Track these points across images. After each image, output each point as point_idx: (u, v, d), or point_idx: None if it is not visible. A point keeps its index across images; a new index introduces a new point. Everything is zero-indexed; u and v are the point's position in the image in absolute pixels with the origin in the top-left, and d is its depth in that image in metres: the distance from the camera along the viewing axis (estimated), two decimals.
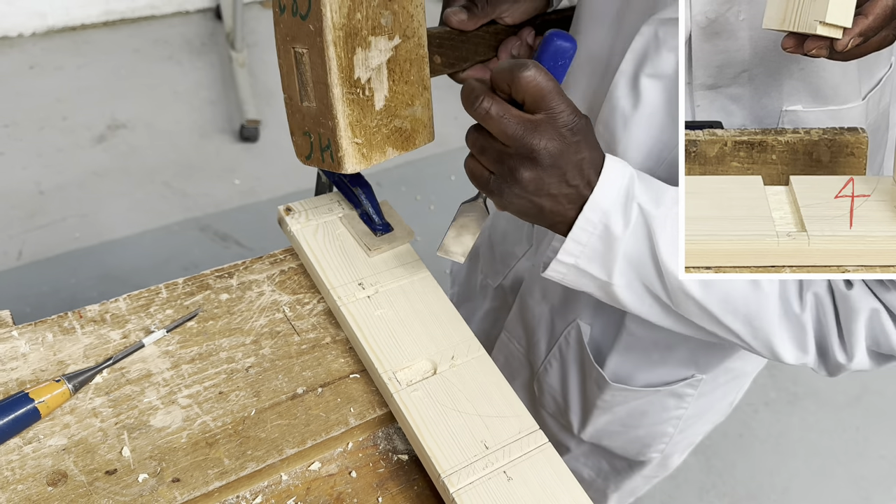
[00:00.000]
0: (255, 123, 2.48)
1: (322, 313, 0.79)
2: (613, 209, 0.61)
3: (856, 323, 0.64)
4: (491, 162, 0.62)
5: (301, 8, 0.59)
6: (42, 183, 2.25)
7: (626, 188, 0.62)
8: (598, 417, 0.96)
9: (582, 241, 0.63)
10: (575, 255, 0.64)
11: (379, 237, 0.82)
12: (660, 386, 0.91)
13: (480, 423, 0.69)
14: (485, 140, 0.61)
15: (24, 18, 2.70)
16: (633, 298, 0.67)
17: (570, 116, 0.59)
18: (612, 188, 0.61)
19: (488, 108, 0.59)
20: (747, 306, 0.64)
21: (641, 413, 0.94)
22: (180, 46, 2.85)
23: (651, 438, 0.98)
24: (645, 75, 0.68)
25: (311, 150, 0.65)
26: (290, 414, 0.69)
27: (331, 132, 0.63)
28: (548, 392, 1.01)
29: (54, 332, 0.71)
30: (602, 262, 0.64)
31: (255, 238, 2.21)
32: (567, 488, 0.67)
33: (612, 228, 0.62)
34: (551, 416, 1.04)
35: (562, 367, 0.97)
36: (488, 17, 0.75)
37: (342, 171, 0.64)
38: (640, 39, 0.68)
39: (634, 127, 0.71)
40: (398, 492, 0.68)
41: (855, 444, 2.12)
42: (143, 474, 0.63)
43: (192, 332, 0.74)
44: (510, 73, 0.58)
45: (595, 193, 0.61)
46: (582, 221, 0.62)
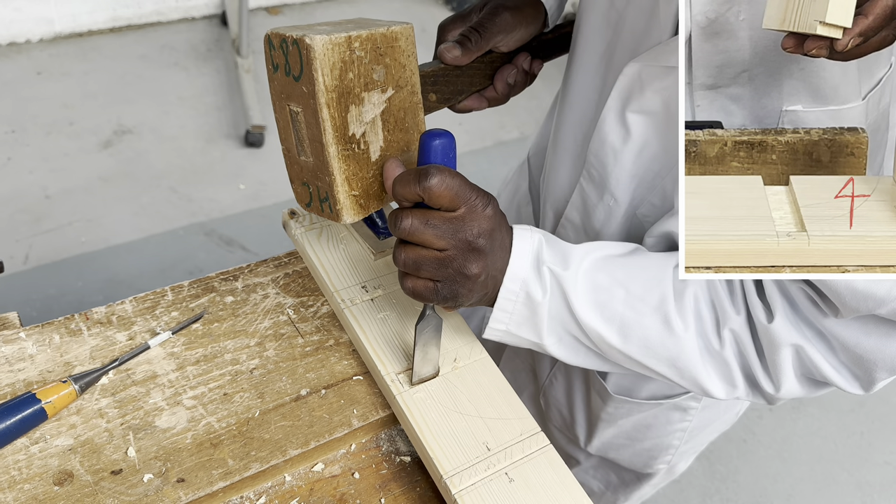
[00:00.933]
0: (261, 129, 2.49)
1: (326, 316, 0.79)
2: (530, 277, 0.65)
3: (779, 355, 0.65)
4: (433, 272, 0.62)
5: (294, 69, 0.59)
6: (49, 188, 2.27)
7: (535, 255, 0.65)
8: (604, 430, 0.96)
9: (508, 309, 0.67)
10: (504, 322, 0.68)
11: (382, 240, 0.83)
12: (662, 399, 0.91)
13: (482, 424, 0.70)
14: (417, 255, 0.62)
15: (31, 25, 2.72)
16: (566, 352, 0.70)
17: (484, 199, 0.61)
18: (524, 258, 0.65)
19: (409, 223, 0.60)
20: (667, 350, 0.67)
21: (646, 426, 0.95)
22: (186, 53, 2.86)
23: (657, 451, 0.98)
24: (631, 111, 0.70)
25: (310, 199, 0.65)
26: (294, 415, 0.70)
27: (328, 186, 0.63)
28: (554, 406, 1.01)
29: (61, 333, 0.72)
30: (531, 326, 0.68)
31: (260, 242, 2.22)
32: (569, 490, 0.67)
33: (532, 295, 0.65)
34: (559, 430, 1.04)
35: (566, 381, 0.98)
36: (482, 49, 0.75)
37: (340, 221, 0.64)
38: (624, 79, 0.70)
39: (625, 160, 0.72)
40: (401, 493, 0.68)
41: (859, 449, 2.11)
42: (149, 474, 0.63)
43: (198, 334, 0.75)
44: (417, 186, 0.59)
45: (511, 265, 0.65)
46: (504, 292, 0.66)
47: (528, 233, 0.66)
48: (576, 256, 0.67)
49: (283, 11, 3.20)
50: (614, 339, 0.67)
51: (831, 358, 0.65)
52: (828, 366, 0.64)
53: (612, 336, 0.66)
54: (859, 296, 0.58)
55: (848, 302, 0.59)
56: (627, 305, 0.66)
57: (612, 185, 0.74)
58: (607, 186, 0.75)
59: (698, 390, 0.70)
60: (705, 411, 0.94)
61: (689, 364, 0.67)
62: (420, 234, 0.60)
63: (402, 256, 0.62)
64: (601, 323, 0.66)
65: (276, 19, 3.15)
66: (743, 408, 1.03)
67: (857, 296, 0.58)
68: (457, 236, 0.60)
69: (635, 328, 0.66)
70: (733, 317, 0.67)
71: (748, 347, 0.67)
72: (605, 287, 0.66)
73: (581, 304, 0.66)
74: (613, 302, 0.66)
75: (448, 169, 0.60)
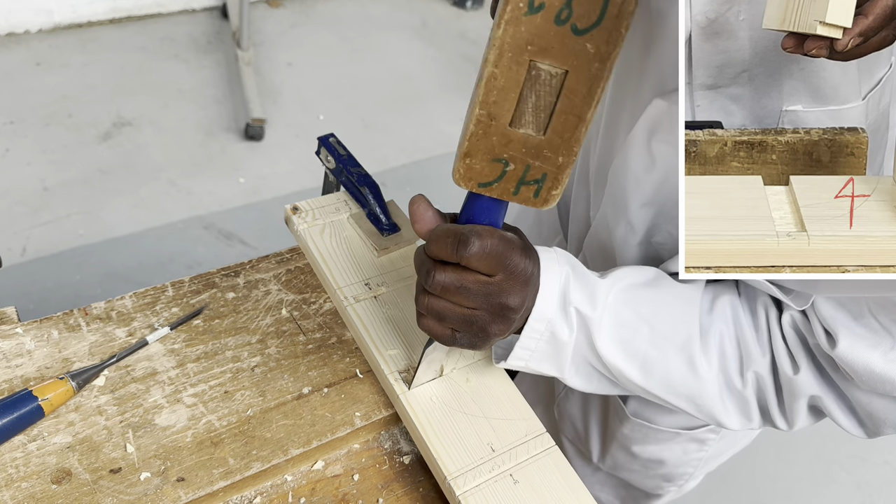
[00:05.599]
0: (261, 122, 2.48)
1: (328, 313, 0.78)
2: (556, 317, 0.63)
3: (797, 403, 0.66)
4: (455, 324, 0.60)
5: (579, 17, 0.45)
6: (47, 179, 2.25)
7: (562, 293, 0.63)
8: (618, 452, 0.95)
9: (531, 347, 0.65)
10: (525, 358, 0.66)
11: (386, 237, 0.82)
12: (681, 429, 0.89)
13: (487, 425, 0.69)
14: (443, 307, 0.58)
15: (30, 15, 2.70)
16: (586, 384, 0.69)
17: (524, 263, 0.58)
18: (552, 298, 0.62)
19: (443, 280, 0.56)
20: (688, 389, 0.66)
21: (660, 461, 0.93)
22: (186, 45, 2.84)
23: (671, 477, 0.97)
24: (658, 141, 0.68)
25: (498, 179, 0.53)
26: (296, 414, 0.69)
27: (556, 168, 0.52)
28: (568, 419, 1.00)
29: (60, 329, 0.71)
30: (553, 362, 0.66)
31: (260, 237, 2.21)
32: (574, 492, 0.66)
33: (558, 335, 0.64)
34: (570, 443, 1.03)
35: (583, 396, 0.96)
36: None
37: (545, 207, 0.55)
38: (652, 111, 0.67)
39: (645, 187, 0.71)
40: (403, 493, 0.68)
41: (858, 449, 2.11)
42: (147, 473, 0.62)
43: (198, 331, 0.73)
44: (454, 252, 0.55)
45: (538, 305, 0.62)
46: (528, 331, 0.63)
47: (557, 267, 0.63)
48: (602, 291, 0.65)
49: (284, 4, 3.19)
50: (635, 375, 0.66)
51: (844, 408, 0.66)
52: (840, 414, 0.66)
53: (633, 373, 0.66)
54: (876, 377, 0.59)
55: (866, 381, 0.60)
56: (651, 343, 0.65)
57: (630, 212, 0.73)
58: (625, 213, 0.74)
59: (713, 423, 0.70)
60: (722, 441, 0.93)
61: (709, 402, 0.67)
62: (452, 294, 0.57)
63: (426, 302, 0.59)
64: (623, 359, 0.65)
65: (276, 12, 3.13)
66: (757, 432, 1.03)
67: (875, 377, 0.59)
68: (489, 300, 0.58)
69: (658, 366, 0.65)
70: (758, 359, 0.66)
71: (769, 389, 0.68)
72: (629, 324, 0.65)
73: (605, 341, 0.64)
74: (637, 339, 0.65)
75: (489, 231, 0.55)
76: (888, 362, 0.58)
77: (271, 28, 3.02)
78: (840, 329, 0.60)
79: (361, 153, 2.63)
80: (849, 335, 0.59)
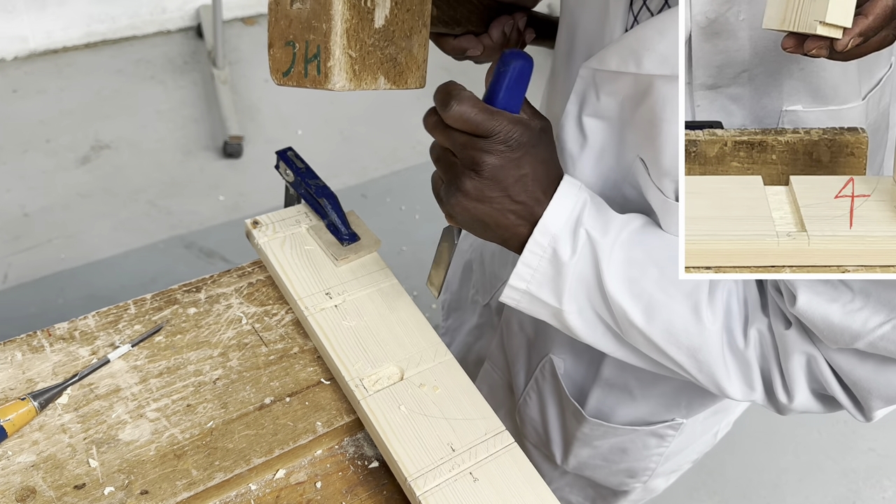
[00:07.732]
0: (239, 140, 2.49)
1: (290, 324, 0.80)
2: (562, 234, 0.62)
3: (791, 363, 0.64)
4: (443, 170, 0.63)
5: None
6: (27, 205, 2.26)
7: (576, 213, 0.63)
8: (580, 450, 0.96)
9: (532, 264, 0.64)
10: (526, 279, 0.65)
11: (346, 246, 0.83)
12: (640, 425, 0.90)
13: (447, 425, 0.70)
14: (440, 149, 0.63)
15: (5, 43, 2.71)
16: (584, 326, 0.68)
17: (510, 133, 0.59)
18: (562, 212, 0.62)
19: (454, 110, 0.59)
20: (690, 338, 0.64)
21: (622, 450, 0.94)
22: (162, 66, 2.86)
23: (633, 472, 0.97)
24: (587, 115, 0.69)
25: (291, 64, 0.56)
26: (258, 424, 0.70)
27: (323, 37, 0.55)
28: (529, 423, 1.01)
29: (23, 350, 0.72)
30: (552, 287, 0.65)
31: (241, 253, 2.21)
32: (533, 487, 0.68)
33: (559, 253, 0.63)
34: (534, 447, 1.04)
35: (540, 400, 0.97)
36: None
37: (328, 85, 0.56)
38: (580, 82, 0.69)
39: (583, 167, 0.71)
40: (367, 497, 0.69)
41: (843, 437, 2.13)
42: (111, 487, 0.63)
43: (160, 347, 0.75)
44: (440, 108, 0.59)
45: (545, 217, 0.62)
46: (531, 244, 0.63)
47: (576, 190, 0.63)
48: (616, 224, 0.64)
49: (259, 22, 3.20)
50: (638, 317, 0.64)
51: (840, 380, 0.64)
52: (835, 382, 0.64)
53: (636, 314, 0.64)
54: (836, 329, 0.58)
55: (826, 335, 0.59)
56: (659, 287, 0.64)
57: None
58: None
59: (714, 388, 0.68)
60: (682, 436, 0.93)
61: (710, 358, 0.65)
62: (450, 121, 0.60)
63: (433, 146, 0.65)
64: (628, 298, 0.64)
65: (251, 30, 3.14)
66: (722, 431, 1.02)
67: (834, 329, 0.58)
68: (467, 150, 0.60)
69: (662, 310, 0.64)
70: (762, 317, 0.65)
71: (770, 351, 0.66)
72: (639, 263, 0.64)
73: (612, 275, 0.63)
74: (645, 280, 0.64)
75: (474, 101, 0.59)
76: (847, 314, 0.57)
77: (247, 46, 3.03)
78: (799, 285, 0.59)
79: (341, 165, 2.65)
80: (807, 291, 0.58)
